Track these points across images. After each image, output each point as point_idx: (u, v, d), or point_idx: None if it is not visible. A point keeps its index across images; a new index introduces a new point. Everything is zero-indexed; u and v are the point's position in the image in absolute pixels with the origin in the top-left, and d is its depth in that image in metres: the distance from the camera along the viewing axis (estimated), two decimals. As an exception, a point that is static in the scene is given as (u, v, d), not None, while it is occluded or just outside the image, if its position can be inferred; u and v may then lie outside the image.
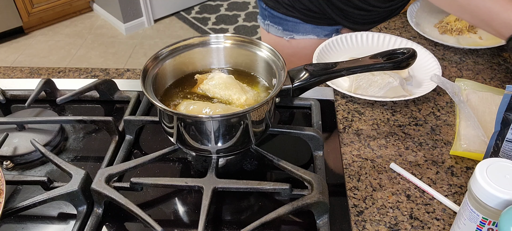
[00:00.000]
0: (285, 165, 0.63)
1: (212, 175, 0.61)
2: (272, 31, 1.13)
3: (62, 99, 0.76)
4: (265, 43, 0.69)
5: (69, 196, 0.59)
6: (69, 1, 3.17)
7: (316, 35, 1.09)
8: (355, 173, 0.67)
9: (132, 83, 0.87)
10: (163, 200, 0.64)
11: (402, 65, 0.65)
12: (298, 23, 1.07)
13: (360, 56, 0.68)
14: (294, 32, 1.09)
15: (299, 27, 1.08)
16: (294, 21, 1.07)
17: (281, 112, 0.80)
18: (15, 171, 0.69)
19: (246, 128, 0.61)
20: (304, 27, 1.08)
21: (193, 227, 0.60)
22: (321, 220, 0.58)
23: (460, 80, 0.84)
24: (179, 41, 0.71)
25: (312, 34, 1.09)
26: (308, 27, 1.08)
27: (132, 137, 0.72)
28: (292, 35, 1.10)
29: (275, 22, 1.10)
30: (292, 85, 0.64)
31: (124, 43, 2.97)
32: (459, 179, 0.66)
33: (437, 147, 0.72)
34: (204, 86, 0.70)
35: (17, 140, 0.71)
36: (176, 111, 0.62)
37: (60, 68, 0.94)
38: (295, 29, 1.09)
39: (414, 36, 1.03)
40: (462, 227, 0.52)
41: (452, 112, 0.79)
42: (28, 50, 2.92)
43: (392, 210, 0.62)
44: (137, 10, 3.05)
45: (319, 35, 1.09)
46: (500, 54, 0.95)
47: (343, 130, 0.76)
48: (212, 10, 3.31)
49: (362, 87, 0.82)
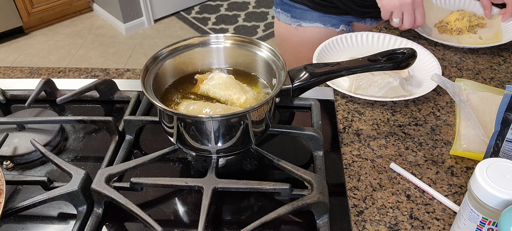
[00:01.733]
0: (285, 165, 0.63)
1: (212, 175, 0.61)
2: (282, 19, 1.16)
3: (62, 99, 0.76)
4: (264, 43, 0.69)
5: (69, 196, 0.59)
6: (69, 1, 3.17)
7: (323, 24, 1.11)
8: (355, 173, 0.67)
9: (132, 83, 0.87)
10: (163, 200, 0.64)
11: (402, 65, 0.65)
12: (306, 11, 1.10)
13: (360, 56, 0.68)
14: (302, 20, 1.11)
15: (307, 15, 1.10)
16: (301, 8, 1.10)
17: (281, 113, 0.80)
18: (15, 171, 0.69)
19: (246, 128, 0.61)
20: (311, 15, 1.10)
21: (193, 227, 0.60)
22: (321, 220, 0.58)
23: (460, 80, 0.84)
24: (179, 41, 0.71)
25: (319, 22, 1.11)
26: (315, 15, 1.10)
27: (132, 137, 0.72)
28: (300, 22, 1.12)
29: (284, 9, 1.13)
30: (292, 85, 0.64)
31: (124, 43, 2.97)
32: (459, 179, 0.66)
33: (437, 147, 0.72)
34: (204, 86, 0.70)
35: (17, 140, 0.71)
36: (176, 112, 0.62)
37: (60, 68, 0.94)
38: (302, 16, 1.11)
39: (414, 36, 1.03)
40: (462, 227, 0.52)
41: (452, 112, 0.79)
42: (28, 50, 2.92)
43: (392, 210, 0.62)
44: (137, 10, 3.05)
45: (326, 24, 1.11)
46: (500, 54, 0.95)
47: (343, 130, 0.76)
48: (212, 10, 3.31)
49: (362, 87, 0.82)
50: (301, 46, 1.15)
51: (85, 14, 3.32)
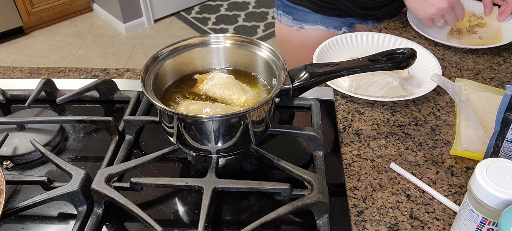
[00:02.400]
0: (285, 165, 0.63)
1: (212, 175, 0.61)
2: (283, 21, 1.15)
3: (62, 99, 0.76)
4: (264, 43, 0.69)
5: (69, 196, 0.59)
6: (69, 1, 3.17)
7: (325, 26, 1.10)
8: (355, 173, 0.67)
9: (132, 83, 0.87)
10: (163, 200, 0.64)
11: (402, 65, 0.65)
12: (308, 13, 1.09)
13: (360, 56, 0.68)
14: (303, 22, 1.11)
15: (309, 17, 1.10)
16: (303, 10, 1.09)
17: (281, 113, 0.80)
18: (15, 171, 0.69)
19: (246, 128, 0.61)
20: (313, 17, 1.10)
21: (193, 227, 0.60)
22: (321, 220, 0.58)
23: (460, 80, 0.84)
24: (179, 41, 0.71)
25: (321, 25, 1.10)
26: (317, 17, 1.10)
27: (132, 137, 0.72)
28: (302, 24, 1.12)
29: (286, 11, 1.13)
30: (292, 85, 0.64)
31: (124, 43, 2.97)
32: (459, 179, 0.66)
33: (437, 147, 0.72)
34: (204, 86, 0.70)
35: (17, 140, 0.71)
36: (176, 112, 0.62)
37: (60, 68, 0.94)
38: (304, 18, 1.11)
39: (414, 36, 1.03)
40: (462, 227, 0.52)
41: (452, 112, 0.79)
42: (28, 50, 2.92)
43: (392, 210, 0.62)
44: (137, 10, 3.05)
45: (328, 27, 1.11)
46: (500, 54, 0.95)
47: (343, 130, 0.76)
48: (212, 10, 3.31)
49: (362, 87, 0.82)
50: (303, 47, 1.15)
51: (85, 14, 3.32)
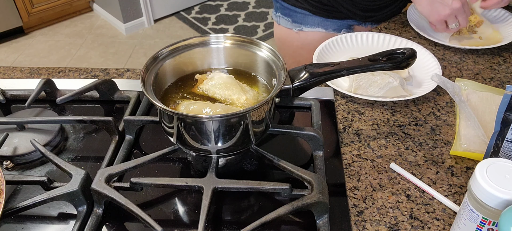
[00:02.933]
0: (285, 165, 0.63)
1: (212, 175, 0.61)
2: (282, 23, 1.15)
3: (62, 99, 0.76)
4: (265, 43, 0.69)
5: (69, 196, 0.59)
6: (69, 1, 3.17)
7: (324, 28, 1.10)
8: (355, 173, 0.67)
9: (132, 83, 0.87)
10: (163, 200, 0.64)
11: (402, 65, 0.65)
12: (307, 15, 1.09)
13: (360, 56, 0.68)
14: (303, 24, 1.11)
15: (308, 19, 1.10)
16: (303, 13, 1.09)
17: (281, 113, 0.80)
18: (15, 171, 0.69)
19: (246, 128, 0.61)
20: (312, 20, 1.09)
21: (193, 227, 0.60)
22: (321, 220, 0.58)
23: (460, 80, 0.84)
24: (179, 41, 0.71)
25: (320, 27, 1.10)
26: (316, 19, 1.09)
27: (132, 137, 0.72)
28: (301, 27, 1.11)
29: (285, 14, 1.13)
30: (292, 85, 0.64)
31: (124, 43, 2.97)
32: (459, 179, 0.66)
33: (437, 147, 0.72)
34: (204, 86, 0.70)
35: (17, 140, 0.71)
36: (176, 111, 0.62)
37: (60, 68, 0.94)
38: (303, 21, 1.10)
39: (414, 36, 1.02)
40: (462, 227, 0.52)
41: (452, 112, 0.79)
42: (28, 50, 2.92)
43: (392, 210, 0.62)
44: (137, 10, 3.05)
45: (327, 29, 1.10)
46: (500, 54, 0.95)
47: (343, 130, 0.76)
48: (212, 10, 3.31)
49: (362, 87, 0.82)
50: (302, 50, 1.14)
51: (85, 14, 3.32)
